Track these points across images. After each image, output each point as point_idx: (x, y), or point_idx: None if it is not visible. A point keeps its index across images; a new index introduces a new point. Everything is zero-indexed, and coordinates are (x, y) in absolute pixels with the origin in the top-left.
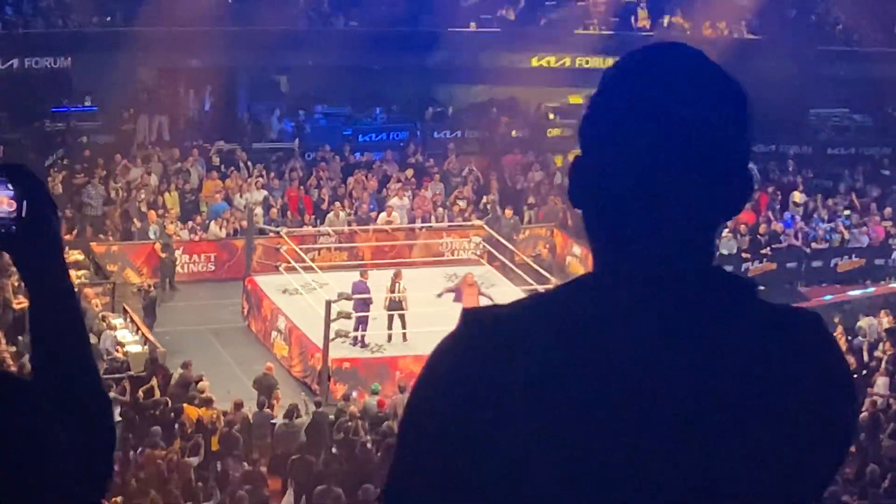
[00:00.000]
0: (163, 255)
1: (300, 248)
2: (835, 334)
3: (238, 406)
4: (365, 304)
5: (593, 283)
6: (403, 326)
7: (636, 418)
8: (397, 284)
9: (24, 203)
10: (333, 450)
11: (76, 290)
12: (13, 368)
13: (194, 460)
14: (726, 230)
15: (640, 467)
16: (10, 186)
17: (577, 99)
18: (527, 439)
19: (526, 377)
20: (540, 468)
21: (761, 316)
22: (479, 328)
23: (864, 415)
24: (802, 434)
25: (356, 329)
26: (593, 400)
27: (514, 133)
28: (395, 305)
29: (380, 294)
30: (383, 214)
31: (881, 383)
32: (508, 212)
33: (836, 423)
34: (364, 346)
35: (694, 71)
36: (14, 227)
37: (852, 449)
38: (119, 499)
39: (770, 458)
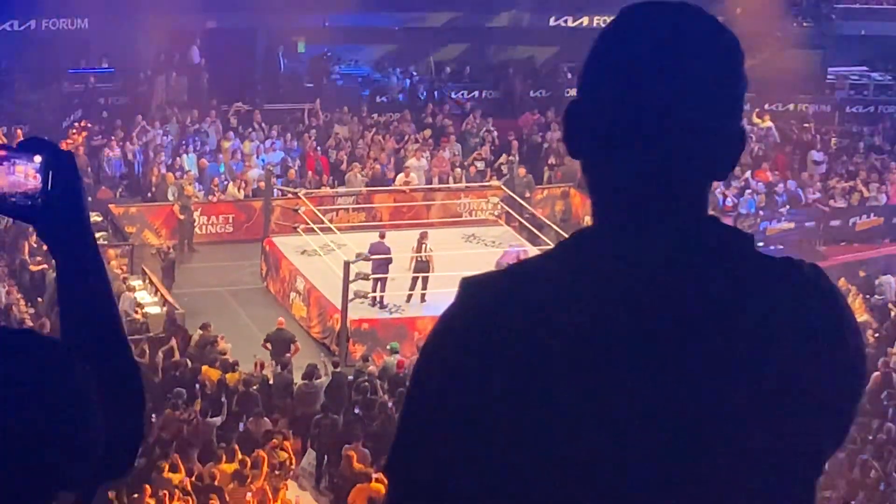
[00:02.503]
0: (181, 217)
1: (318, 209)
2: (853, 292)
3: (259, 367)
4: (384, 265)
5: (590, 239)
6: (424, 287)
7: (638, 371)
8: (424, 245)
9: (50, 176)
10: (355, 409)
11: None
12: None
13: (217, 420)
14: (745, 189)
15: (644, 421)
16: (35, 160)
17: None
18: (531, 401)
19: (527, 339)
20: (545, 428)
21: (760, 267)
22: (479, 295)
23: (877, 374)
24: (808, 386)
25: (374, 290)
26: (595, 356)
27: (531, 93)
28: (422, 266)
29: (400, 254)
30: (401, 175)
31: None
32: (521, 170)
33: (843, 374)
34: (383, 306)
35: (691, 25)
36: (40, 201)
37: (868, 407)
38: (142, 460)
39: (778, 410)
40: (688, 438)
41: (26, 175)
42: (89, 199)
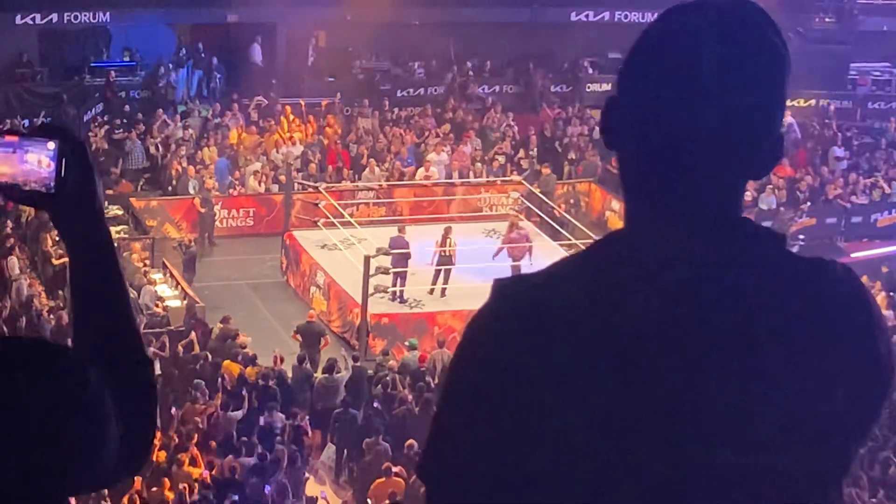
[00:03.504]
0: (202, 210)
1: (339, 204)
2: (875, 289)
3: (277, 361)
4: (403, 259)
5: (624, 240)
6: (446, 282)
7: (674, 373)
8: (448, 240)
9: (64, 163)
10: (375, 404)
11: (117, 247)
12: (51, 322)
13: (238, 414)
14: (766, 184)
15: (682, 422)
16: (49, 146)
17: None
18: (569, 403)
19: (562, 343)
20: (583, 430)
21: (793, 268)
22: (513, 299)
23: None
24: (839, 386)
25: (394, 284)
26: (630, 358)
27: (552, 88)
28: (445, 260)
29: (422, 249)
30: (421, 170)
31: None
32: (546, 169)
33: (872, 374)
34: (403, 301)
35: (741, 26)
36: (54, 188)
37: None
38: (162, 454)
39: (806, 409)
40: (722, 439)
41: (39, 162)
42: (110, 192)
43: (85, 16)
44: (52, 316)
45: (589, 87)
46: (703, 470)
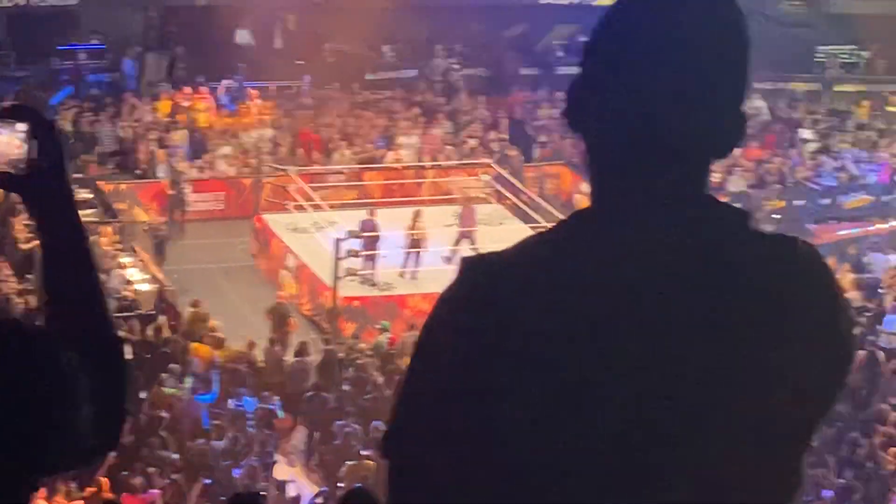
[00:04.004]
0: (171, 192)
1: (309, 187)
2: (844, 270)
3: (250, 345)
4: (374, 242)
5: (589, 218)
6: (416, 265)
7: (638, 350)
8: (418, 223)
9: (33, 144)
10: (345, 387)
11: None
12: (20, 305)
13: (208, 397)
14: (734, 167)
15: (645, 399)
16: (19, 128)
17: None
18: (532, 382)
19: (527, 320)
20: (547, 407)
21: (757, 245)
22: (479, 275)
23: (863, 352)
24: (801, 361)
25: (365, 267)
26: (595, 336)
27: (523, 71)
28: (415, 243)
29: (392, 232)
30: (392, 153)
31: (888, 320)
32: (512, 151)
33: (833, 349)
34: (373, 284)
35: (700, 8)
36: (23, 169)
37: (856, 384)
38: (132, 438)
39: (769, 385)
40: (686, 413)
41: (9, 144)
42: (79, 175)
43: None
44: (21, 299)
45: (559, 71)
46: (669, 443)
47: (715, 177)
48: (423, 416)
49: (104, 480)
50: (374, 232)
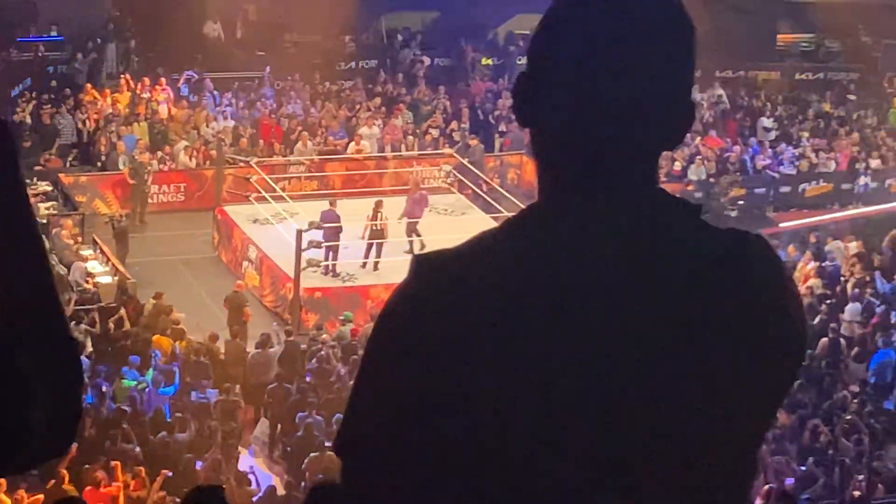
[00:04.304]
0: (132, 182)
1: (270, 178)
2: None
3: (212, 338)
4: (335, 233)
5: (539, 215)
6: (378, 255)
7: (592, 346)
8: (379, 213)
9: None
10: (308, 378)
11: (45, 221)
12: None
13: (170, 390)
14: (695, 155)
15: (598, 393)
16: None
17: None
18: (485, 378)
19: (480, 317)
20: (500, 403)
21: (708, 238)
22: (431, 273)
23: (825, 340)
24: (753, 353)
25: (327, 258)
26: (549, 331)
27: (483, 61)
28: (377, 234)
29: (352, 223)
30: (353, 143)
31: (849, 308)
32: (473, 140)
33: (785, 343)
34: (335, 275)
35: None
36: None
37: (818, 372)
38: (93, 431)
39: (722, 376)
40: (639, 407)
41: None
42: (40, 168)
43: None
44: None
45: (520, 60)
46: (621, 438)
47: (675, 165)
48: (376, 415)
49: (65, 473)
50: (335, 223)
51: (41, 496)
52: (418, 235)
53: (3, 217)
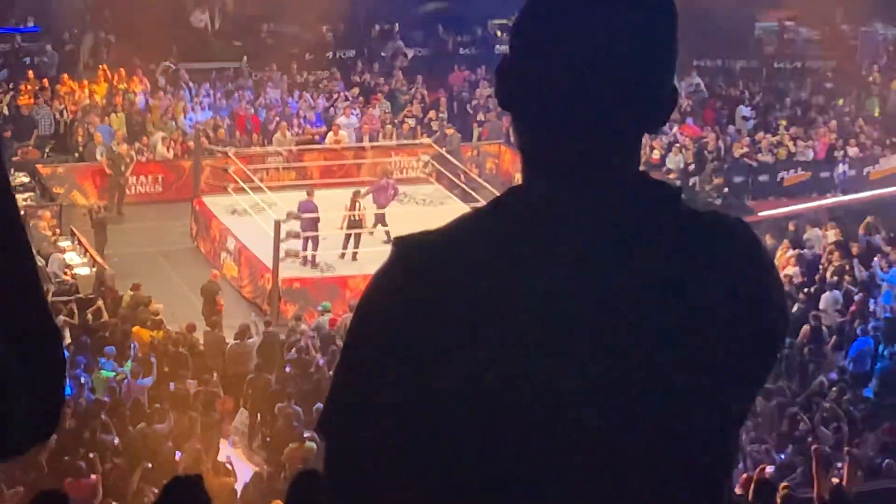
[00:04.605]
0: (109, 172)
1: (248, 168)
2: (784, 246)
3: (190, 328)
4: (313, 224)
5: (521, 197)
6: (357, 246)
7: (572, 328)
8: (357, 203)
9: None
10: (287, 368)
11: (23, 212)
12: None
13: (148, 381)
14: (674, 143)
15: (578, 375)
16: None
17: None
18: (467, 359)
19: (460, 299)
20: (479, 386)
21: (688, 221)
22: (412, 255)
23: (806, 327)
24: (731, 337)
25: (305, 248)
26: (529, 314)
27: (462, 50)
28: (355, 224)
29: (332, 213)
30: (331, 133)
31: (827, 297)
32: (450, 130)
33: (765, 326)
34: (314, 265)
35: None
36: None
37: (797, 360)
38: (73, 422)
39: (701, 360)
40: (618, 391)
41: None
42: (16, 158)
43: None
44: None
45: (497, 49)
46: (600, 421)
47: (654, 154)
48: (357, 395)
49: (44, 465)
50: (313, 213)
51: (21, 488)
52: (384, 225)
53: None
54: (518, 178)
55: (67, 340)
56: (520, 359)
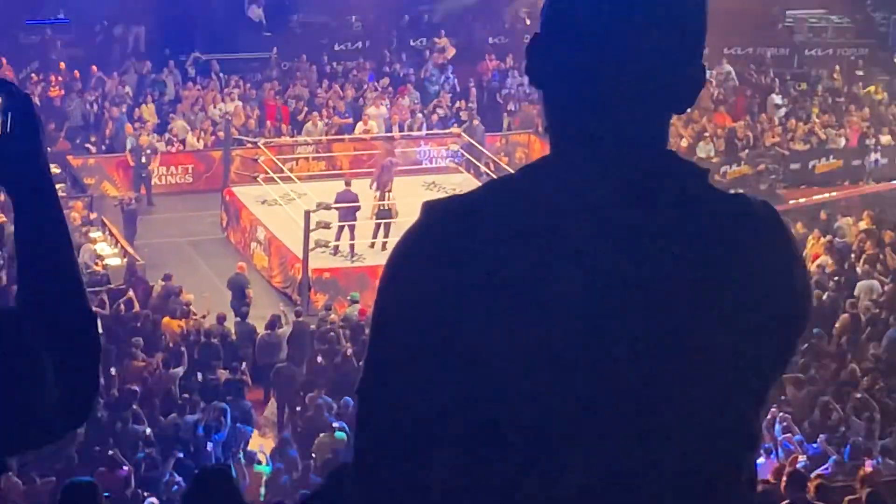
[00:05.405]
0: (132, 164)
1: (278, 159)
2: (815, 234)
3: (220, 318)
4: (351, 213)
5: (550, 166)
6: (386, 235)
7: (596, 302)
8: (387, 193)
9: (9, 117)
10: (318, 359)
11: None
12: None
13: (179, 371)
14: (703, 132)
15: (600, 350)
16: None
17: None
18: (493, 323)
19: (487, 261)
20: (507, 350)
21: (714, 201)
22: (440, 218)
23: (845, 316)
24: (754, 317)
25: (339, 238)
26: (554, 283)
27: (490, 39)
28: (385, 214)
29: (368, 203)
30: (360, 123)
31: (863, 285)
32: (475, 120)
33: (787, 307)
34: (353, 255)
35: None
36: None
37: (831, 349)
38: (105, 413)
39: (725, 339)
40: (640, 367)
41: None
42: (48, 149)
43: None
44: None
45: (526, 38)
46: (622, 397)
47: (683, 143)
48: (390, 358)
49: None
50: (353, 202)
51: (53, 478)
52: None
53: (30, 192)
54: None
55: (99, 331)
56: (546, 321)
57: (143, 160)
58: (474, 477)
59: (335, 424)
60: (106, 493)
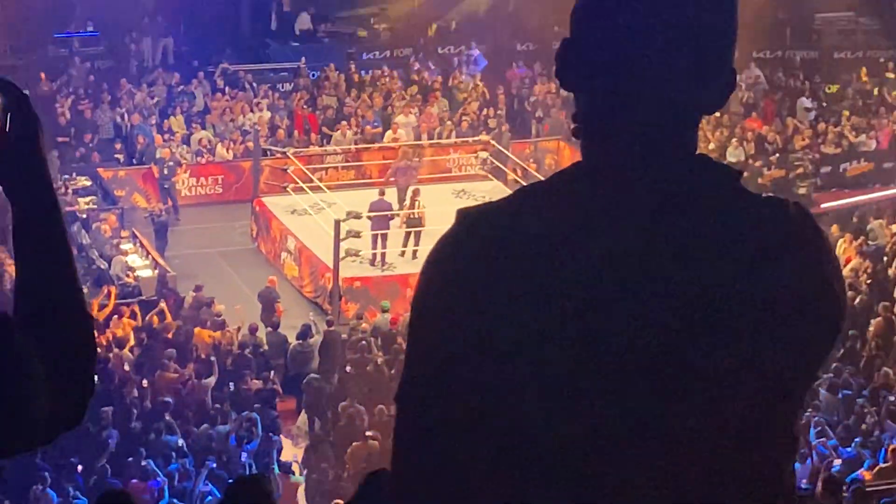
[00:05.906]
0: (157, 176)
1: (307, 168)
2: (847, 238)
3: (253, 329)
4: (384, 221)
5: (583, 171)
6: (417, 244)
7: (629, 306)
8: (416, 202)
9: (8, 117)
10: (347, 368)
11: (85, 216)
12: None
13: (210, 381)
14: (734, 137)
15: (635, 354)
16: None
17: None
18: (530, 329)
19: (522, 268)
20: (541, 356)
21: (747, 203)
22: (474, 225)
23: (878, 319)
24: (788, 320)
25: (375, 247)
26: (588, 288)
27: (518, 47)
28: (414, 222)
29: (395, 211)
30: (389, 132)
31: None
32: (506, 126)
33: (822, 309)
34: (385, 264)
35: None
36: None
37: (864, 355)
38: (138, 424)
39: (759, 343)
40: (673, 370)
41: None
42: (79, 164)
43: None
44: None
45: (555, 45)
46: (662, 405)
47: (711, 147)
48: (426, 363)
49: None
50: (387, 210)
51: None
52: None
53: (25, 192)
54: None
55: (131, 342)
56: (579, 328)
57: (166, 172)
58: (511, 483)
59: (368, 433)
60: None
